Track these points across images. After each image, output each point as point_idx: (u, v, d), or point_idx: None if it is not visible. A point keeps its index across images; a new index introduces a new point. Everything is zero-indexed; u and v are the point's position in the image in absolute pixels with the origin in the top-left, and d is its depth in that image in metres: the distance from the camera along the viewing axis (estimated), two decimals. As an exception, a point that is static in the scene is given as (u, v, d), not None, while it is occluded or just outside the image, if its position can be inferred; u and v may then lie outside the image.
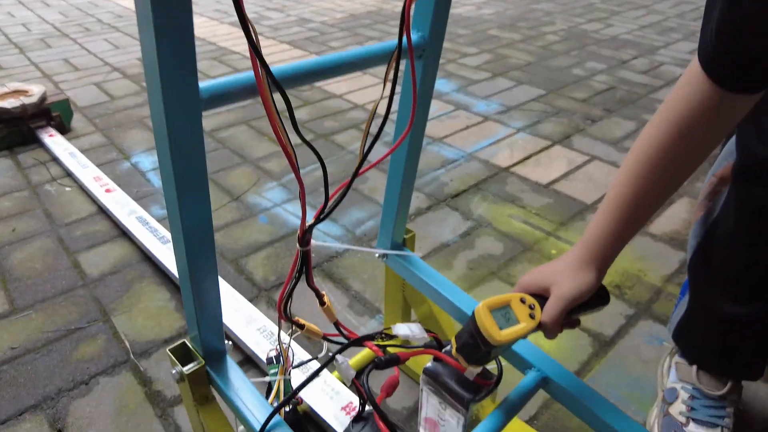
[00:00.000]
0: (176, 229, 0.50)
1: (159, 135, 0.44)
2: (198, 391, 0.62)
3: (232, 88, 0.46)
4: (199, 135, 0.45)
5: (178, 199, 0.47)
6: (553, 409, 0.90)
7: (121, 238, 1.29)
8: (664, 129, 0.57)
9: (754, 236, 0.70)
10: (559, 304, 0.58)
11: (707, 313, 0.79)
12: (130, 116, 1.97)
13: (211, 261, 0.54)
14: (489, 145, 1.76)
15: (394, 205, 0.76)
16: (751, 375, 0.81)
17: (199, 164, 0.46)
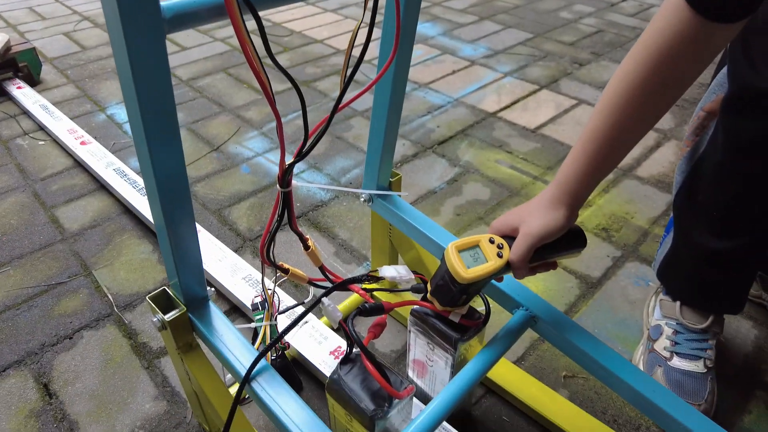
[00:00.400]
0: (148, 172, 0.48)
1: (121, 65, 0.41)
2: (181, 338, 0.61)
3: (198, 6, 0.42)
4: (163, 61, 0.41)
5: (147, 138, 0.44)
6: (540, 350, 0.90)
7: (99, 192, 1.26)
8: (641, 61, 0.54)
9: (741, 171, 0.69)
10: (525, 241, 0.57)
11: (691, 248, 0.79)
12: (103, 67, 1.88)
13: (186, 204, 0.51)
14: (476, 90, 1.71)
15: (378, 146, 0.74)
16: (732, 309, 0.82)
17: (167, 97, 0.43)
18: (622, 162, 1.39)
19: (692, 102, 1.65)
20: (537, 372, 0.87)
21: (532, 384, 0.82)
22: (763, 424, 0.80)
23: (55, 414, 0.80)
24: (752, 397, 0.83)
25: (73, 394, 0.82)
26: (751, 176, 0.68)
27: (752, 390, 0.84)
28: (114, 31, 0.39)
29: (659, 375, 0.81)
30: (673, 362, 0.81)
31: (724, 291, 0.80)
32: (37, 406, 0.81)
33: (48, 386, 0.84)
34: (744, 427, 0.79)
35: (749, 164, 0.67)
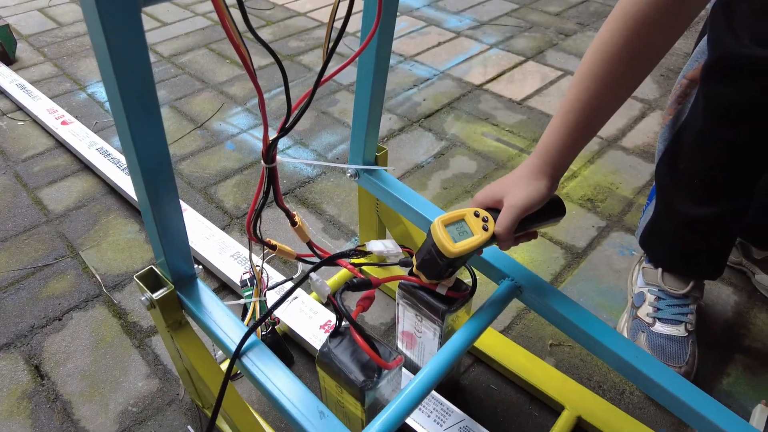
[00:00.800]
0: (129, 150, 0.47)
1: (97, 42, 0.40)
2: (170, 316, 0.61)
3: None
4: (140, 35, 0.40)
5: (127, 116, 0.44)
6: (526, 319, 0.92)
7: (83, 172, 1.24)
8: (617, 29, 0.55)
9: (721, 138, 0.69)
10: (510, 213, 0.58)
11: (672, 216, 0.80)
12: (81, 44, 1.83)
13: (169, 182, 0.51)
14: (462, 62, 1.70)
15: (364, 121, 0.73)
16: (712, 275, 0.84)
17: (145, 73, 0.42)
18: (607, 133, 1.40)
19: (676, 71, 1.65)
20: (524, 341, 0.88)
21: (519, 353, 0.84)
22: (741, 386, 0.82)
23: (48, 395, 0.80)
24: (731, 360, 0.86)
25: (64, 375, 0.82)
26: (730, 143, 0.69)
27: (731, 354, 0.87)
28: (87, 6, 0.38)
29: (642, 340, 0.83)
30: (655, 327, 0.83)
31: (704, 257, 0.81)
32: (29, 388, 0.81)
33: (39, 368, 0.84)
34: (723, 390, 0.82)
35: (729, 131, 0.68)
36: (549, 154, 0.60)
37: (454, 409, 0.74)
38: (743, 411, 0.79)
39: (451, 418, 0.73)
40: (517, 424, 0.77)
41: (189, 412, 0.78)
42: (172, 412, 0.78)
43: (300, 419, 0.51)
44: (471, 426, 0.72)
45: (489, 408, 0.79)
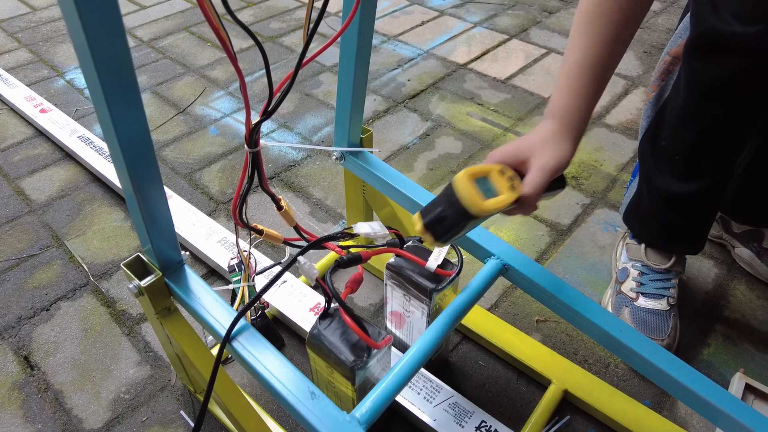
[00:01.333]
0: (111, 137, 0.46)
1: (73, 29, 0.39)
2: (159, 303, 0.61)
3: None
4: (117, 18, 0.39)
5: (107, 101, 0.43)
6: (512, 296, 0.93)
7: (65, 161, 1.22)
8: None
9: (702, 113, 0.70)
10: (542, 174, 0.55)
11: (654, 192, 0.81)
12: (57, 29, 1.79)
13: (153, 168, 0.51)
14: (446, 41, 1.69)
15: (347, 102, 0.73)
16: (693, 250, 0.86)
17: (124, 57, 0.42)
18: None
19: (659, 48, 1.66)
20: (510, 318, 0.90)
21: (506, 329, 0.85)
22: (721, 356, 0.85)
23: (39, 385, 0.80)
24: (711, 331, 0.88)
25: (55, 365, 0.82)
26: (712, 119, 0.70)
27: (712, 325, 0.89)
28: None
29: (626, 315, 0.85)
30: (638, 302, 0.85)
31: (686, 233, 0.83)
32: (20, 378, 0.81)
33: (28, 358, 0.84)
34: (703, 360, 0.84)
35: (710, 107, 0.69)
36: (568, 116, 0.59)
37: (443, 385, 0.76)
38: (723, 380, 0.81)
39: (440, 394, 0.74)
40: (506, 398, 0.79)
41: (181, 398, 0.78)
42: (165, 398, 0.78)
43: (292, 400, 0.51)
44: (460, 402, 0.74)
45: (477, 384, 0.80)
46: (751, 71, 0.63)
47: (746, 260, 0.96)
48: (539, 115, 1.35)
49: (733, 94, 0.67)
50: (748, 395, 0.75)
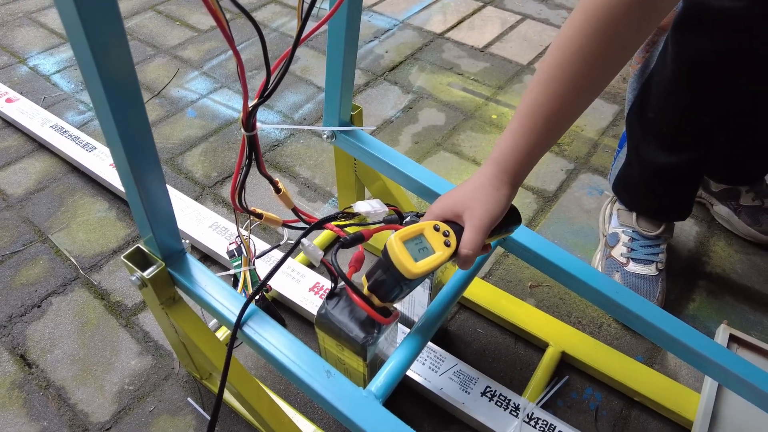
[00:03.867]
0: (111, 131, 0.45)
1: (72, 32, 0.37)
2: (163, 294, 0.61)
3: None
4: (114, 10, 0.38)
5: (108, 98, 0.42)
6: (505, 264, 0.95)
7: (39, 152, 1.18)
8: (584, 26, 0.49)
9: (689, 85, 0.72)
10: (477, 233, 0.52)
11: (643, 163, 0.83)
12: (13, 12, 1.70)
13: (152, 155, 0.49)
14: (421, 10, 1.67)
15: (337, 81, 0.72)
16: (681, 217, 0.89)
17: (124, 53, 0.40)
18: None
19: (632, 9, 1.67)
20: (504, 285, 0.92)
21: (501, 296, 0.87)
22: (705, 310, 0.89)
23: (39, 383, 0.79)
24: (695, 286, 0.92)
25: (53, 361, 0.81)
26: (698, 91, 0.72)
27: (695, 280, 0.93)
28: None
29: (617, 279, 0.88)
30: (629, 267, 0.87)
31: (674, 201, 0.86)
32: (18, 377, 0.80)
33: (25, 357, 0.82)
34: (689, 314, 0.88)
35: (697, 79, 0.70)
36: (507, 162, 0.55)
37: (446, 354, 0.78)
38: (708, 332, 0.85)
39: (444, 363, 0.76)
40: (506, 363, 0.81)
41: (187, 385, 0.78)
42: (170, 386, 0.78)
43: (309, 380, 0.52)
44: (464, 369, 0.76)
45: (478, 351, 0.83)
46: (738, 46, 0.65)
47: (724, 217, 1.00)
48: (519, 83, 1.36)
49: (721, 67, 0.68)
50: (732, 344, 0.79)
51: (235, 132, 1.22)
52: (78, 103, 1.32)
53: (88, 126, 1.25)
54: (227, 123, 1.25)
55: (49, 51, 1.51)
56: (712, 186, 1.01)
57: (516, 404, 0.72)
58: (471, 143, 1.19)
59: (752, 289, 0.91)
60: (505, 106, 1.29)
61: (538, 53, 1.46)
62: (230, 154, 1.17)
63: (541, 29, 1.57)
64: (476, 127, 1.23)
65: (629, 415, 0.76)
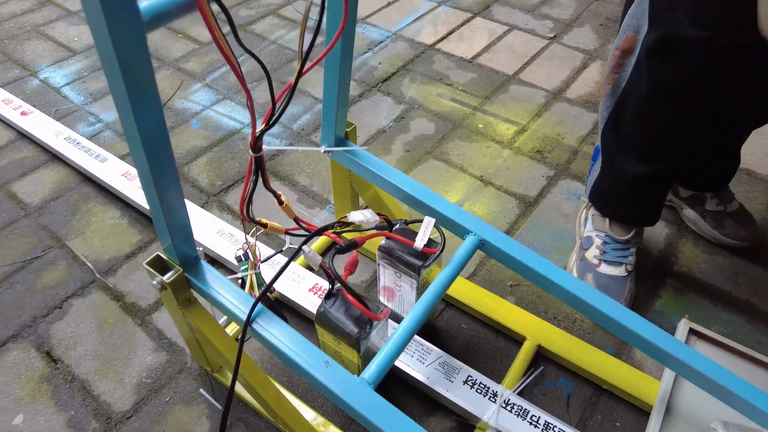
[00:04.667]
0: (136, 145, 0.52)
1: (108, 64, 0.45)
2: (180, 296, 0.68)
3: (172, 6, 0.47)
4: (145, 53, 0.46)
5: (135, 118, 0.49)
6: (488, 265, 1.04)
7: (52, 162, 1.26)
8: None
9: (664, 106, 0.80)
10: None
11: (617, 175, 0.92)
12: (22, 25, 1.77)
13: (172, 170, 0.57)
14: (413, 21, 1.75)
15: (333, 101, 0.80)
16: (650, 223, 0.97)
17: (149, 79, 0.48)
18: (552, 85, 1.50)
19: (614, 20, 1.75)
20: (487, 284, 1.00)
21: (483, 294, 0.96)
22: (671, 306, 0.97)
23: (65, 376, 0.87)
24: (663, 284, 1.00)
25: (76, 357, 0.89)
26: (672, 109, 0.80)
27: (663, 279, 1.01)
28: (100, 36, 0.43)
29: (589, 279, 0.96)
30: (600, 268, 0.96)
31: (644, 208, 0.94)
32: (46, 372, 0.88)
33: (50, 353, 0.90)
34: (656, 310, 0.96)
35: (672, 99, 0.78)
36: None
37: (432, 348, 0.86)
38: (672, 325, 0.93)
39: (431, 355, 0.85)
40: (487, 355, 0.90)
41: (199, 377, 0.86)
42: (184, 379, 0.86)
43: (310, 370, 0.60)
44: (449, 360, 0.84)
45: (462, 344, 0.91)
46: (706, 72, 0.72)
47: (692, 220, 1.09)
48: (504, 93, 1.44)
49: (693, 89, 0.76)
50: (692, 337, 0.87)
51: (237, 142, 1.30)
52: (88, 115, 1.40)
53: (99, 137, 1.33)
54: (230, 134, 1.33)
55: (58, 64, 1.59)
56: (681, 192, 1.09)
57: (495, 391, 0.81)
58: (459, 152, 1.27)
59: (714, 287, 1.00)
60: (491, 115, 1.37)
61: (523, 63, 1.55)
62: (233, 163, 1.25)
63: (527, 40, 1.65)
64: (464, 136, 1.32)
65: (598, 402, 0.85)
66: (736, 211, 1.05)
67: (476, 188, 1.19)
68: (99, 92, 1.48)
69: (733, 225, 1.04)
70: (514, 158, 1.26)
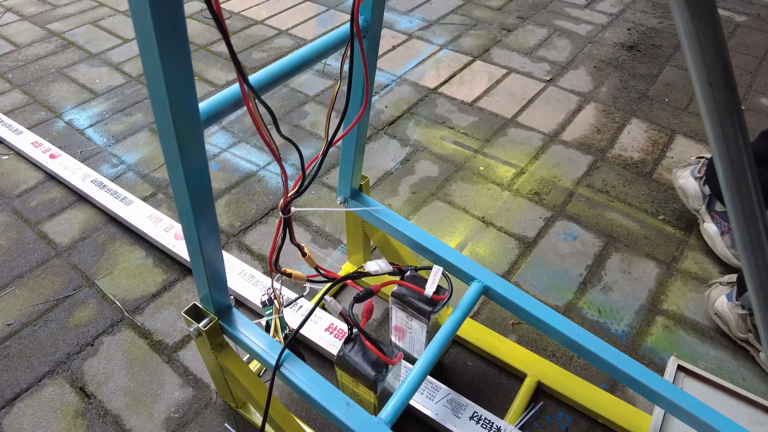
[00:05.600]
0: (183, 202, 0.59)
1: (170, 158, 0.53)
2: (214, 341, 0.76)
3: (224, 106, 0.55)
4: (202, 149, 0.54)
5: (192, 205, 0.57)
6: (491, 304, 1.11)
7: (80, 203, 1.34)
8: None
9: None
10: None
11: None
12: (46, 67, 1.87)
13: (213, 223, 0.64)
14: (416, 65, 1.85)
15: (351, 158, 0.88)
16: None
17: (202, 164, 0.56)
18: (548, 128, 1.59)
19: (608, 62, 1.85)
20: (490, 323, 1.07)
21: (487, 333, 1.03)
22: (660, 342, 1.04)
23: (98, 412, 0.94)
24: (653, 322, 1.08)
25: (108, 393, 0.96)
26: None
27: (654, 317, 1.08)
28: (165, 131, 0.51)
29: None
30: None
31: None
32: (80, 407, 0.94)
33: (84, 389, 0.97)
34: (648, 346, 1.03)
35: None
36: None
37: (441, 385, 0.93)
38: (662, 362, 1.00)
39: (439, 393, 0.92)
40: (491, 391, 0.96)
41: (224, 413, 0.93)
42: (209, 414, 0.93)
43: (333, 411, 0.67)
44: (456, 398, 0.91)
45: (467, 381, 0.98)
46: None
47: (710, 234, 1.19)
48: (503, 136, 1.53)
49: None
50: (680, 374, 0.94)
51: (254, 184, 1.39)
52: (111, 157, 1.48)
53: (122, 178, 1.41)
54: (247, 176, 1.41)
55: (82, 106, 1.68)
56: (718, 206, 1.18)
57: (498, 426, 0.87)
58: (461, 193, 1.36)
59: (701, 324, 1.07)
60: (491, 158, 1.46)
61: (521, 106, 1.64)
62: (251, 205, 1.33)
63: (525, 83, 1.75)
64: (466, 178, 1.40)
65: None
66: None
67: (478, 229, 1.27)
68: (120, 134, 1.56)
69: None
70: (514, 200, 1.34)
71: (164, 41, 0.43)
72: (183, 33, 0.44)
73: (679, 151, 1.49)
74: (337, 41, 0.68)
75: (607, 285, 1.14)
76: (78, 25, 2.14)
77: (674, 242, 1.23)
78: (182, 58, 0.46)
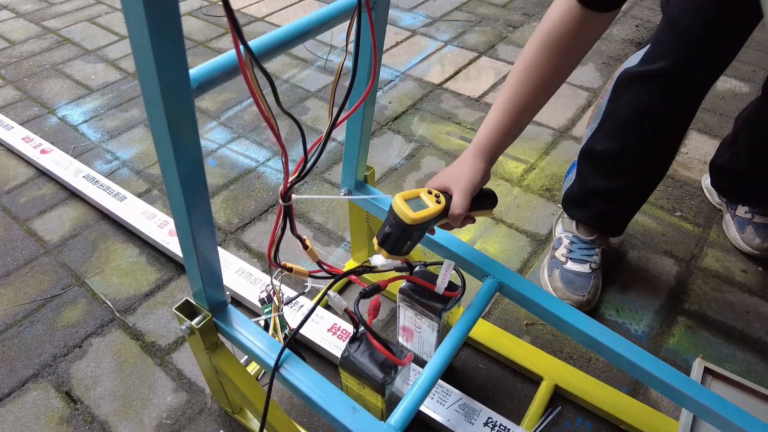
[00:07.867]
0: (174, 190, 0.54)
1: (157, 130, 0.48)
2: (208, 340, 0.70)
3: (218, 73, 0.50)
4: (192, 117, 0.48)
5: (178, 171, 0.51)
6: (503, 304, 1.05)
7: (71, 200, 1.28)
8: (537, 42, 0.71)
9: (632, 129, 0.90)
10: (463, 196, 0.69)
11: (588, 187, 1.01)
12: (40, 64, 1.82)
13: (207, 215, 0.58)
14: (420, 61, 1.80)
15: (355, 148, 0.83)
16: (614, 233, 1.07)
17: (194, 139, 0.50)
18: (558, 123, 1.54)
19: (616, 59, 1.80)
20: (503, 323, 1.01)
21: (500, 334, 0.97)
22: (683, 344, 0.98)
23: (84, 418, 0.87)
24: (675, 322, 1.02)
25: (96, 398, 0.90)
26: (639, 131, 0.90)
27: (675, 317, 1.02)
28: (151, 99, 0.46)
29: (556, 275, 1.03)
30: (567, 265, 1.04)
31: (609, 219, 1.03)
32: (65, 413, 0.88)
33: (70, 393, 0.91)
34: (670, 348, 0.97)
35: (638, 123, 0.89)
36: (483, 142, 0.74)
37: (452, 389, 0.87)
38: (686, 364, 0.94)
39: (451, 397, 0.85)
40: (505, 395, 0.90)
41: (219, 418, 0.87)
42: (204, 420, 0.87)
43: (338, 416, 0.61)
44: (468, 402, 0.85)
45: (480, 384, 0.92)
46: (662, 97, 0.84)
47: (726, 223, 1.19)
48: (512, 131, 1.48)
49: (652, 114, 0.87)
50: (707, 377, 0.88)
51: (253, 181, 1.33)
52: (105, 153, 1.43)
53: (116, 174, 1.36)
54: (246, 172, 1.36)
55: (76, 102, 1.63)
56: (738, 210, 1.17)
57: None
58: (469, 189, 1.30)
59: (725, 324, 1.01)
60: (500, 153, 1.41)
61: (529, 102, 1.59)
62: (249, 201, 1.27)
63: (532, 78, 1.70)
64: (474, 174, 1.34)
65: (616, 443, 0.85)
66: (761, 223, 1.12)
67: (488, 226, 1.21)
68: (115, 130, 1.51)
69: (752, 232, 1.12)
70: (524, 196, 1.28)
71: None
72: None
73: (693, 146, 1.44)
74: (342, 10, 0.63)
75: (624, 283, 1.08)
76: (74, 22, 2.09)
77: (693, 239, 1.18)
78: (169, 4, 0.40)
